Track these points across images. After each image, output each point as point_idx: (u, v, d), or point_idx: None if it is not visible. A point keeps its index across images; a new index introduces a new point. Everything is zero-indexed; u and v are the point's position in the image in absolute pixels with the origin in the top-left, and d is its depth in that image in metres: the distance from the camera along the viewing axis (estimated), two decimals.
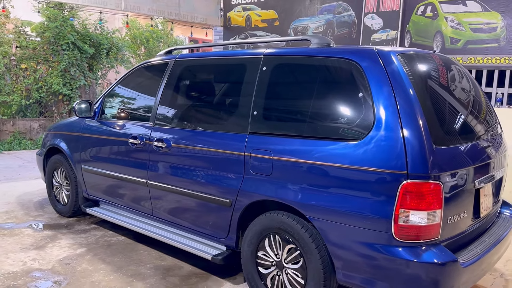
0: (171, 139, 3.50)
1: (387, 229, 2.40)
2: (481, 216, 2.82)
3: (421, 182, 2.34)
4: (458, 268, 2.41)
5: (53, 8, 10.72)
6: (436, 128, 2.49)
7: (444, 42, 6.48)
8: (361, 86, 2.59)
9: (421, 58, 2.84)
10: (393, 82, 2.50)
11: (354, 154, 2.53)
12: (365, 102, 2.56)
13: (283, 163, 2.82)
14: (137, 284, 3.35)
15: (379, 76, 2.54)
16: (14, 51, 10.60)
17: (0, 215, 4.85)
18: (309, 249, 2.72)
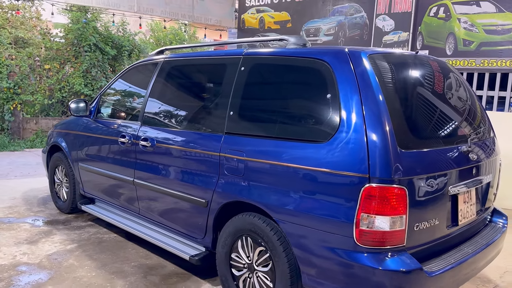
0: (155, 139, 3.53)
1: (349, 234, 2.33)
2: (459, 224, 2.70)
3: (383, 186, 2.26)
4: (422, 277, 2.31)
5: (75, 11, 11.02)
6: (404, 131, 2.40)
7: (456, 44, 6.28)
8: (330, 87, 2.54)
9: (397, 60, 2.75)
10: (361, 83, 2.43)
11: (319, 156, 2.48)
12: (332, 103, 2.50)
13: (254, 164, 2.79)
14: (117, 282, 3.39)
15: (347, 77, 2.48)
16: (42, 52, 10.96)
17: (3, 210, 5.00)
18: (277, 252, 2.68)
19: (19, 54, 10.44)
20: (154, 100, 3.75)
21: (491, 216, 3.33)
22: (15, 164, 7.92)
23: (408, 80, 2.72)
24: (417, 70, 2.83)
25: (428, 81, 2.85)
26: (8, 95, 10.07)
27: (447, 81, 3.01)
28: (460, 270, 2.56)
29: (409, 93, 2.65)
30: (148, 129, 3.65)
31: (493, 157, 3.12)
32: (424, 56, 3.05)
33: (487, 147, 3.07)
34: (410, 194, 2.31)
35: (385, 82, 2.49)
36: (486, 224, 3.24)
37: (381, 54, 2.65)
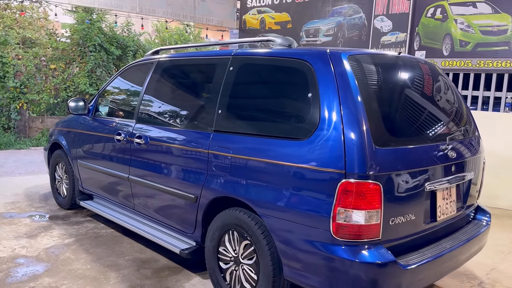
0: (149, 136, 3.64)
1: (327, 227, 2.43)
2: (438, 220, 2.78)
3: (359, 181, 2.35)
4: (396, 270, 2.40)
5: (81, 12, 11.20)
6: (380, 129, 2.49)
7: (453, 44, 6.33)
8: (311, 86, 2.63)
9: (377, 60, 2.83)
10: (339, 83, 2.52)
11: (299, 153, 2.57)
12: (313, 102, 2.60)
13: (239, 161, 2.90)
14: (110, 274, 3.51)
15: (327, 77, 2.57)
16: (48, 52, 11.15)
17: (5, 205, 5.15)
18: (261, 245, 2.77)
19: (26, 54, 10.63)
20: (148, 99, 3.87)
21: (475, 213, 3.40)
22: (21, 162, 8.10)
23: (386, 80, 2.81)
24: (397, 70, 2.91)
25: (407, 81, 2.94)
26: (15, 94, 10.26)
27: (428, 82, 3.09)
28: (436, 264, 2.64)
29: (387, 92, 2.73)
30: (142, 127, 3.77)
31: (475, 155, 3.20)
32: (407, 56, 3.13)
33: (470, 145, 3.15)
34: (385, 190, 2.40)
35: (364, 82, 2.58)
36: (469, 221, 3.31)
37: (361, 55, 2.74)
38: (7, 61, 10.21)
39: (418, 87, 2.97)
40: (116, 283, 3.36)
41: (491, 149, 5.88)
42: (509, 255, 4.28)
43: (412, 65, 3.05)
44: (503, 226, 5.21)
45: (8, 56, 10.29)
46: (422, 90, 3.00)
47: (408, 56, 3.16)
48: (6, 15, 13.10)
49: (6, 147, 9.69)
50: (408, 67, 2.99)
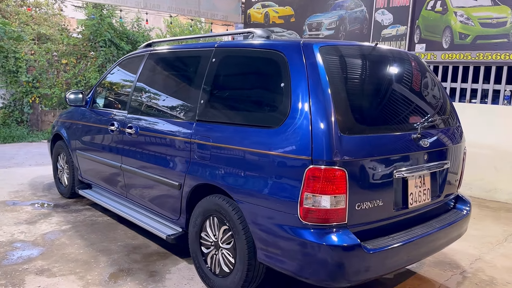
0: (139, 126, 3.77)
1: (295, 211, 2.52)
2: (409, 207, 2.85)
3: (324, 167, 2.43)
4: (361, 253, 2.48)
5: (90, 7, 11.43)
6: (347, 118, 2.57)
7: (453, 37, 6.31)
8: (284, 77, 2.72)
9: (349, 51, 2.90)
10: (309, 73, 2.60)
11: (271, 140, 2.67)
12: (285, 91, 2.68)
13: (217, 149, 3.01)
14: (101, 258, 3.66)
15: (298, 68, 2.65)
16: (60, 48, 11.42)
17: (10, 194, 5.37)
18: (237, 230, 2.88)
19: (38, 50, 10.90)
20: (139, 90, 4.00)
21: (455, 202, 3.44)
22: (31, 154, 8.35)
23: (358, 70, 2.87)
24: (370, 61, 2.97)
25: (380, 71, 2.99)
26: (27, 89, 10.55)
27: (404, 73, 3.14)
28: (405, 249, 2.70)
29: (357, 82, 2.80)
30: (133, 118, 3.90)
31: (454, 145, 3.24)
32: (384, 48, 3.18)
33: (447, 135, 3.19)
34: (351, 176, 2.48)
35: (334, 72, 2.65)
36: (449, 210, 3.35)
37: (333, 46, 2.81)
38: (19, 56, 10.50)
39: (391, 78, 3.03)
40: (105, 267, 3.51)
41: (489, 142, 5.89)
42: (497, 246, 4.31)
43: (388, 56, 3.10)
44: (498, 219, 5.22)
45: (21, 51, 10.58)
46: (396, 80, 3.05)
47: (385, 47, 3.21)
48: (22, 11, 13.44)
49: (19, 140, 9.99)
50: (383, 58, 3.05)
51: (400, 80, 3.09)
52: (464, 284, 3.47)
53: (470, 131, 6.04)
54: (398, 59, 3.15)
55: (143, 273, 3.43)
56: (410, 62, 3.25)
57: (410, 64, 3.22)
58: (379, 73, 2.99)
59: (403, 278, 3.53)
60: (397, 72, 3.09)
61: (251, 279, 2.89)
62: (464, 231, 3.35)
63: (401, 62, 3.17)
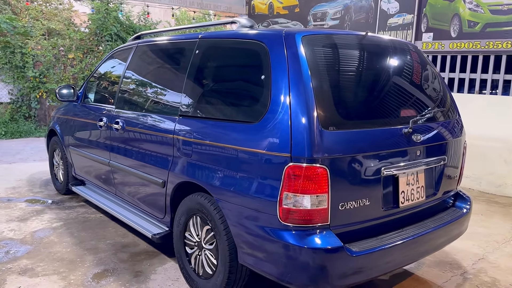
0: (125, 122, 3.66)
1: (274, 212, 2.37)
2: (400, 206, 2.67)
3: (304, 165, 2.27)
4: (344, 256, 2.32)
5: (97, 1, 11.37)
6: (330, 112, 2.40)
7: (461, 25, 6.03)
8: (265, 69, 2.56)
9: (335, 41, 2.72)
10: (290, 64, 2.44)
11: (250, 136, 2.52)
12: (266, 84, 2.53)
13: (198, 145, 2.87)
14: (87, 257, 3.57)
15: (279, 59, 2.49)
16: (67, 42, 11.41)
17: (6, 190, 5.33)
18: (219, 230, 2.75)
19: (45, 44, 10.90)
20: (126, 84, 3.89)
21: (454, 200, 3.25)
22: (37, 149, 8.35)
23: (344, 61, 2.69)
24: (358, 51, 2.79)
25: (368, 62, 2.81)
26: (34, 84, 10.56)
27: (395, 63, 2.95)
28: (395, 251, 2.54)
29: (342, 74, 2.62)
30: (120, 113, 3.79)
31: (452, 139, 3.04)
32: (376, 37, 2.99)
33: (444, 129, 3.00)
34: (333, 174, 2.31)
35: (317, 63, 2.48)
36: (447, 208, 3.17)
37: (317, 34, 2.64)
38: (26, 51, 10.51)
39: (381, 69, 2.84)
40: (90, 266, 3.42)
41: (500, 135, 5.63)
42: (503, 245, 4.09)
43: (379, 45, 2.91)
44: (507, 215, 4.98)
45: (28, 46, 10.59)
46: (386, 72, 2.86)
47: (377, 36, 3.02)
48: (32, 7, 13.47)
49: (26, 135, 10.03)
50: (373, 48, 2.86)
51: (392, 72, 2.89)
52: (464, 286, 3.28)
53: (479, 123, 5.81)
54: (391, 49, 2.96)
55: (128, 273, 3.33)
56: (405, 52, 3.05)
57: (404, 54, 3.03)
58: (368, 64, 2.81)
59: (399, 279, 3.36)
60: (388, 63, 2.90)
61: (233, 282, 2.75)
62: (464, 230, 3.16)
63: (394, 52, 2.97)
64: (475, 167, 5.93)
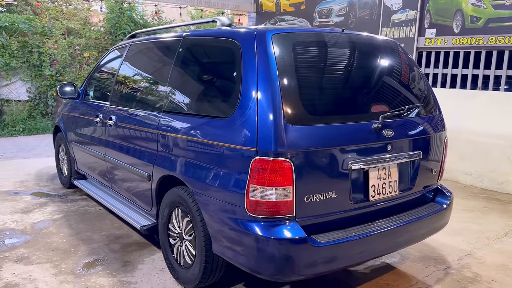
0: (117, 117, 3.80)
1: (242, 204, 2.46)
2: (371, 199, 2.72)
3: (269, 159, 2.36)
4: (308, 246, 2.39)
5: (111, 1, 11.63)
6: (296, 108, 2.47)
7: (464, 21, 5.97)
8: (237, 66, 2.65)
9: (307, 38, 2.78)
10: (259, 61, 2.52)
11: (221, 131, 2.62)
12: (237, 81, 2.62)
13: (178, 140, 2.98)
14: (80, 248, 3.73)
15: (250, 56, 2.58)
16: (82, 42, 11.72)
17: (15, 184, 5.57)
18: (196, 221, 2.86)
19: (61, 44, 11.22)
20: (120, 81, 4.03)
21: (434, 195, 3.28)
22: (51, 145, 8.46)
23: (313, 58, 2.75)
24: (330, 48, 2.84)
25: (340, 59, 2.86)
26: (51, 82, 10.89)
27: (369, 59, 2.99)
28: (362, 243, 2.59)
29: (311, 71, 2.68)
30: (113, 109, 3.94)
31: (429, 134, 3.07)
32: (351, 34, 3.04)
33: (420, 124, 3.03)
34: (297, 167, 2.39)
35: (285, 60, 2.56)
36: (425, 202, 3.19)
37: (288, 33, 2.71)
38: (43, 50, 10.85)
39: (352, 66, 2.89)
40: (83, 256, 3.58)
41: (503, 132, 5.58)
42: (494, 242, 4.08)
43: (353, 42, 2.96)
44: (505, 213, 4.94)
45: (45, 46, 10.92)
46: (357, 68, 2.90)
47: (354, 33, 3.06)
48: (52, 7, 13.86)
49: (43, 132, 10.36)
50: (345, 45, 2.91)
51: (364, 68, 2.94)
52: (445, 281, 3.31)
53: (481, 120, 5.76)
54: (366, 46, 3.01)
55: (117, 262, 3.47)
56: (381, 48, 3.09)
57: (381, 51, 3.07)
58: (339, 61, 2.86)
59: (380, 273, 3.41)
60: (362, 60, 2.95)
61: (210, 271, 2.86)
62: (442, 225, 3.19)
63: (369, 48, 3.01)
64: (478, 164, 5.88)
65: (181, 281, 3.09)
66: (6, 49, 10.47)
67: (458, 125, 6.11)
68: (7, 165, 6.68)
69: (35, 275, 3.24)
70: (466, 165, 6.06)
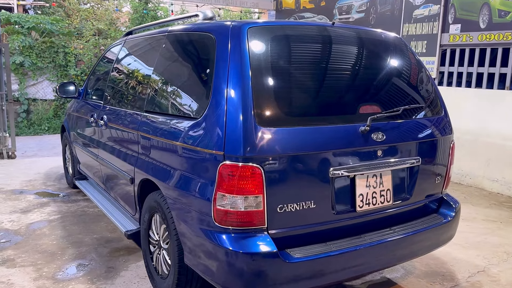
0: (108, 117, 3.68)
1: (209, 212, 2.26)
2: (358, 210, 2.45)
3: (236, 164, 2.14)
4: (279, 262, 2.16)
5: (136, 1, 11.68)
6: (270, 108, 2.24)
7: (491, 15, 5.52)
8: (211, 62, 2.44)
9: (289, 32, 2.54)
10: (231, 57, 2.30)
11: (192, 133, 2.42)
12: (210, 78, 2.41)
13: (154, 142, 2.81)
14: (68, 251, 3.63)
15: (223, 52, 2.37)
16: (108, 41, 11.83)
17: (22, 183, 5.58)
18: (170, 228, 2.67)
19: (86, 44, 11.36)
20: (112, 80, 3.91)
21: (438, 206, 2.96)
22: None
23: (293, 54, 2.49)
24: (314, 43, 2.58)
25: (324, 55, 2.59)
26: (76, 82, 11.03)
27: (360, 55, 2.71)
28: (345, 258, 2.33)
29: (289, 68, 2.42)
30: (105, 109, 3.82)
31: (430, 139, 2.76)
32: (344, 26, 2.77)
33: (419, 128, 2.72)
34: (269, 174, 2.16)
35: (260, 57, 2.33)
36: (427, 214, 2.88)
37: (266, 26, 2.48)
38: (69, 51, 11.01)
39: (339, 62, 2.61)
40: (68, 260, 3.47)
41: None
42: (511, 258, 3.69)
43: (343, 36, 2.69)
44: None
45: (70, 46, 11.09)
46: (344, 65, 2.63)
47: (345, 26, 2.79)
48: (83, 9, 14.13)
49: None
50: (335, 40, 2.64)
51: (353, 65, 2.66)
52: None
53: (510, 122, 5.30)
54: (358, 40, 2.73)
55: (100, 268, 3.34)
56: (377, 43, 2.80)
57: (375, 46, 2.78)
58: (323, 57, 2.59)
59: None
60: (349, 56, 2.67)
61: (184, 283, 2.66)
62: (446, 240, 2.87)
63: (362, 43, 2.74)
64: (505, 170, 5.43)
65: None
66: (33, 49, 10.69)
67: (483, 127, 5.67)
68: (22, 163, 6.74)
69: (14, 279, 3.15)
70: (493, 170, 5.61)
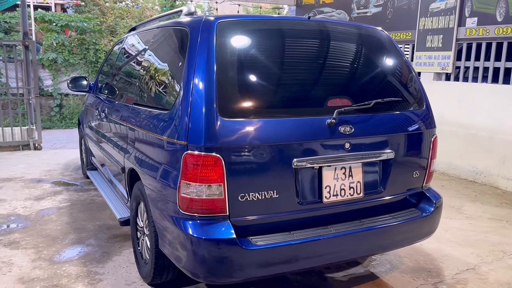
0: (108, 110, 3.86)
1: (175, 200, 2.36)
2: (324, 201, 2.49)
3: (197, 153, 2.23)
4: (237, 249, 2.23)
5: None
6: (233, 100, 2.32)
7: (508, 9, 5.33)
8: (183, 55, 2.54)
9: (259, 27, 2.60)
10: (199, 50, 2.39)
11: (163, 123, 2.54)
12: (181, 71, 2.51)
13: (136, 133, 2.95)
14: (70, 236, 3.83)
15: (193, 45, 2.46)
16: None
17: (42, 172, 5.89)
18: (149, 215, 2.80)
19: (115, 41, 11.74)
20: (114, 74, 4.09)
21: (418, 200, 2.93)
22: None
23: (261, 48, 2.54)
24: (285, 37, 2.62)
25: (293, 48, 2.62)
26: None
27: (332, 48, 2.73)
28: (307, 248, 2.38)
29: (256, 62, 2.48)
30: (107, 101, 4.00)
31: (405, 132, 2.75)
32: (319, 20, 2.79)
33: (393, 121, 2.71)
34: (230, 163, 2.24)
35: (227, 50, 2.41)
36: (404, 208, 2.87)
37: (235, 20, 2.54)
38: (99, 47, 11.43)
39: (307, 56, 2.64)
40: (68, 244, 3.67)
41: None
42: (508, 256, 3.60)
43: (318, 30, 2.72)
44: None
45: (101, 43, 11.50)
46: (313, 59, 2.65)
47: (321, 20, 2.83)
48: (117, 7, 14.63)
49: None
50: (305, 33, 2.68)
51: (322, 59, 2.68)
52: None
53: None
54: (332, 33, 2.75)
55: (95, 253, 3.52)
56: (353, 36, 2.82)
57: (351, 39, 2.80)
58: (292, 51, 2.63)
59: (358, 282, 3.13)
60: (320, 50, 2.69)
61: (161, 268, 2.78)
62: (424, 235, 2.86)
63: (336, 36, 2.75)
64: None
65: (142, 275, 3.05)
66: (66, 46, 11.17)
67: (499, 124, 5.50)
68: (46, 154, 7.10)
69: (15, 259, 3.37)
70: (508, 169, 5.44)
